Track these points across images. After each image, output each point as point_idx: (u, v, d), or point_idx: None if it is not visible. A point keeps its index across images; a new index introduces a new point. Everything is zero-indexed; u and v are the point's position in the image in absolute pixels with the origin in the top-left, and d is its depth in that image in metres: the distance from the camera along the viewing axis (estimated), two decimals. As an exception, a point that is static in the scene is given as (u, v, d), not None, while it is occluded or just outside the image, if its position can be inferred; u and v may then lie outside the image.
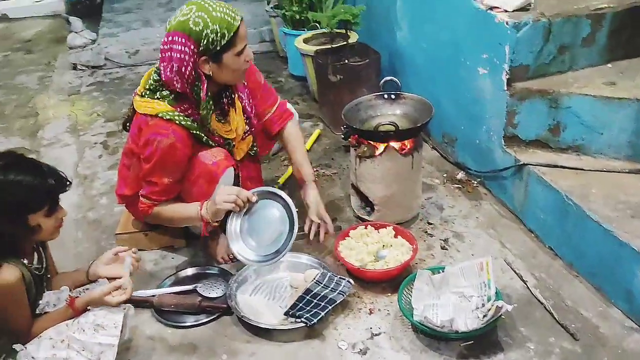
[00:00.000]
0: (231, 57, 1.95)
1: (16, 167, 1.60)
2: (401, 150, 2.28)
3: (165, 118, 1.96)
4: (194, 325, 1.99)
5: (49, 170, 1.67)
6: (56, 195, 1.66)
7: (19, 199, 1.57)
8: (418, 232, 2.37)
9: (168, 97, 1.99)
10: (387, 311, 1.99)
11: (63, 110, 3.83)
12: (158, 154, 1.98)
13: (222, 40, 1.89)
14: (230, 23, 1.89)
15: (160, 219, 2.15)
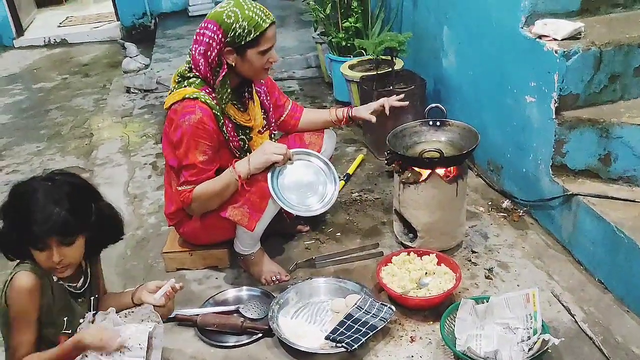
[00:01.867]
0: (254, 54, 2.07)
1: (53, 187, 1.52)
2: (445, 177, 2.27)
3: (192, 97, 2.06)
4: (235, 345, 2.01)
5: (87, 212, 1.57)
6: (49, 236, 1.50)
7: (25, 218, 1.49)
8: (462, 261, 2.34)
9: (195, 82, 2.10)
10: (428, 340, 1.96)
11: (116, 132, 3.99)
12: (189, 132, 2.04)
13: (247, 36, 2.02)
14: (258, 23, 2.02)
15: (202, 201, 2.12)
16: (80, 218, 1.53)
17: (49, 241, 1.50)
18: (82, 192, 1.60)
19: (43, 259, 1.53)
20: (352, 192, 2.94)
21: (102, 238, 1.70)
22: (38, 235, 1.49)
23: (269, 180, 2.09)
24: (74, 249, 1.55)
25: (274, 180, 2.11)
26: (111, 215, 1.71)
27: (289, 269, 2.36)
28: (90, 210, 1.60)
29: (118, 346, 1.52)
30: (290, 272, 2.35)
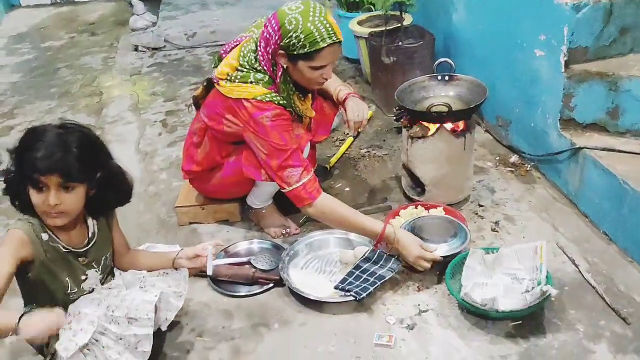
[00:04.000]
0: (305, 67, 2.00)
1: (64, 132, 1.51)
2: (453, 131, 2.29)
3: (265, 100, 2.02)
4: (247, 295, 2.08)
5: (84, 157, 1.52)
6: (44, 175, 1.48)
7: (31, 151, 1.47)
8: (469, 214, 2.37)
9: (263, 79, 2.04)
10: (435, 289, 2.02)
11: (125, 90, 4.01)
12: (273, 125, 2.01)
13: (301, 49, 1.94)
14: (316, 40, 1.92)
15: (322, 214, 2.06)
16: (85, 166, 1.52)
17: (49, 181, 1.48)
18: (91, 144, 1.58)
19: (40, 202, 1.50)
20: (360, 148, 2.96)
21: (108, 198, 1.69)
22: (40, 170, 1.46)
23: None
24: (72, 197, 1.53)
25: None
26: (120, 176, 1.70)
27: (299, 222, 2.41)
28: (96, 163, 1.59)
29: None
30: (300, 225, 2.40)
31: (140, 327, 1.56)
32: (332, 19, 1.96)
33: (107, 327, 1.54)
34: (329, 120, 2.44)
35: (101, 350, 1.53)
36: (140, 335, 1.56)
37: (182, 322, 1.96)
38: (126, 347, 1.56)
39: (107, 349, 1.53)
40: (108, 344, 1.53)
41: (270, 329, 1.92)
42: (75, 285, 1.66)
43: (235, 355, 1.83)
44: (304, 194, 2.03)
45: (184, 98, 3.74)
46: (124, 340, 1.55)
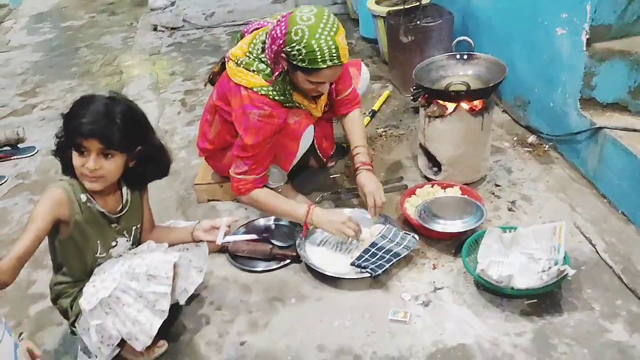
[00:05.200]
0: (302, 77, 1.98)
1: (111, 103, 1.57)
2: (471, 110, 2.28)
3: (261, 93, 2.03)
4: (265, 270, 2.12)
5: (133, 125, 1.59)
6: (86, 139, 1.53)
7: (78, 117, 1.54)
8: (485, 194, 2.37)
9: (264, 70, 2.04)
10: (450, 267, 2.04)
11: (145, 69, 4.05)
12: (256, 126, 2.04)
13: (300, 62, 1.92)
14: (316, 60, 1.89)
15: (256, 203, 2.21)
16: (125, 136, 1.57)
17: (90, 145, 1.54)
18: (135, 117, 1.63)
19: (80, 165, 1.57)
20: (377, 127, 2.97)
21: (146, 171, 1.74)
22: (83, 134, 1.53)
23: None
24: (110, 164, 1.59)
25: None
26: (160, 152, 1.76)
27: (315, 201, 2.43)
28: (137, 136, 1.64)
29: None
30: (317, 203, 2.42)
31: (158, 285, 1.61)
32: (339, 40, 1.91)
33: (128, 284, 1.59)
34: None
35: (122, 309, 1.58)
36: (159, 293, 1.61)
37: (202, 296, 2.01)
38: (145, 304, 1.61)
39: (128, 306, 1.58)
40: (128, 302, 1.59)
41: (287, 303, 1.96)
42: (105, 250, 1.71)
43: (252, 328, 1.88)
44: (236, 184, 2.18)
45: (202, 77, 3.77)
46: (143, 298, 1.60)
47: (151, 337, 1.62)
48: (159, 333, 1.71)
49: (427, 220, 2.11)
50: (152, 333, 1.61)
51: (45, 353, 1.79)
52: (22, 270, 2.16)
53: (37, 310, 2.00)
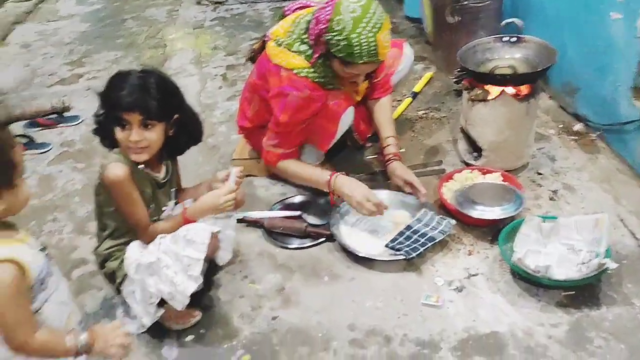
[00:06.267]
0: (338, 65, 1.98)
1: (145, 76, 1.63)
2: (517, 95, 2.22)
3: (300, 75, 2.02)
4: (298, 247, 2.13)
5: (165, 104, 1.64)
6: (126, 112, 1.60)
7: (116, 92, 1.60)
8: (526, 182, 2.32)
9: (305, 52, 2.03)
10: (486, 254, 2.01)
11: (188, 43, 4.08)
12: (293, 106, 2.05)
13: (337, 52, 1.91)
14: (354, 54, 1.89)
15: (283, 172, 2.26)
16: (163, 106, 1.63)
17: (131, 118, 1.60)
18: (170, 87, 1.70)
19: (123, 138, 1.63)
20: (418, 109, 2.93)
21: (183, 138, 1.81)
22: (123, 107, 1.59)
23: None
24: (152, 134, 1.65)
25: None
26: (194, 119, 1.83)
27: (352, 181, 2.42)
28: (174, 104, 1.70)
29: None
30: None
31: (194, 251, 1.66)
32: (381, 38, 1.88)
33: (169, 246, 1.67)
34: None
35: (162, 269, 1.64)
36: (193, 258, 1.66)
37: (236, 269, 2.04)
38: (181, 267, 1.66)
39: (167, 268, 1.64)
40: (168, 263, 1.65)
41: (320, 281, 1.97)
42: (157, 213, 1.80)
43: (285, 304, 1.90)
44: (265, 154, 2.25)
45: (244, 53, 3.76)
46: (179, 261, 1.65)
47: (187, 297, 1.67)
48: (194, 303, 1.76)
49: (464, 206, 2.08)
50: (188, 293, 1.66)
51: (87, 315, 1.86)
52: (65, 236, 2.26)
53: (78, 275, 2.07)
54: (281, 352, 1.73)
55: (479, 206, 2.07)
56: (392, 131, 2.34)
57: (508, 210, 2.05)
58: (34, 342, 1.18)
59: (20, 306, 1.15)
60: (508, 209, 2.05)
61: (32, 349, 1.19)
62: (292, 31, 2.06)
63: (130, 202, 1.69)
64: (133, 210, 1.70)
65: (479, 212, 2.06)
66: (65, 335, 1.26)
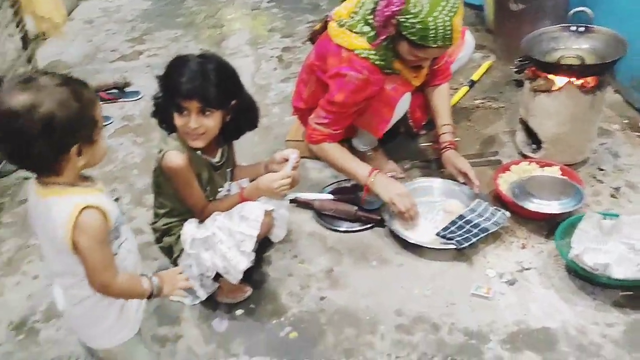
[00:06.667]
0: (407, 47, 1.94)
1: (204, 62, 1.63)
2: (582, 87, 2.14)
3: (362, 56, 2.01)
4: (348, 231, 2.14)
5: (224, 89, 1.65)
6: (185, 100, 1.61)
7: (175, 78, 1.61)
8: (586, 177, 2.25)
9: (368, 33, 2.01)
10: (540, 249, 1.96)
11: (245, 24, 4.12)
12: (349, 88, 2.03)
13: (410, 35, 1.88)
14: (428, 37, 1.85)
15: (324, 155, 2.21)
16: (222, 93, 1.63)
17: (190, 105, 1.61)
18: (229, 74, 1.70)
19: (181, 124, 1.65)
20: (475, 98, 2.87)
21: (240, 124, 1.81)
22: (182, 95, 1.60)
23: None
24: (210, 121, 1.65)
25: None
26: (251, 104, 1.83)
27: (404, 167, 2.41)
28: (232, 91, 1.70)
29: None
30: (405, 170, 2.40)
31: (247, 227, 1.69)
32: (457, 22, 1.85)
33: (224, 222, 1.70)
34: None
35: (216, 244, 1.68)
36: (246, 234, 1.69)
37: (286, 248, 2.07)
38: (234, 243, 1.69)
39: (221, 242, 1.68)
40: (222, 239, 1.69)
41: (368, 265, 1.98)
42: (212, 195, 1.83)
43: (333, 285, 1.91)
44: (311, 132, 2.18)
45: (301, 35, 3.78)
46: (233, 237, 1.69)
47: (241, 272, 1.71)
48: (245, 279, 1.80)
49: (520, 198, 2.04)
50: (240, 268, 1.69)
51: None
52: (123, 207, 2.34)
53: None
54: (328, 331, 1.75)
55: (536, 199, 2.02)
56: (449, 119, 2.30)
57: (566, 205, 2.00)
58: (116, 283, 1.26)
59: (105, 249, 1.23)
60: (567, 204, 2.00)
61: (113, 289, 1.27)
62: (355, 12, 2.05)
63: (188, 187, 1.73)
64: (191, 194, 1.74)
65: (535, 205, 2.01)
66: (140, 278, 1.35)
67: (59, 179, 1.19)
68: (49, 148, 1.12)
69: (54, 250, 1.23)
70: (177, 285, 1.42)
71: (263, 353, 1.70)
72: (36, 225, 1.25)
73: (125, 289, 1.30)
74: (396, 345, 1.69)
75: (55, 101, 1.10)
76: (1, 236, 2.31)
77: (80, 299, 1.29)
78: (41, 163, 1.16)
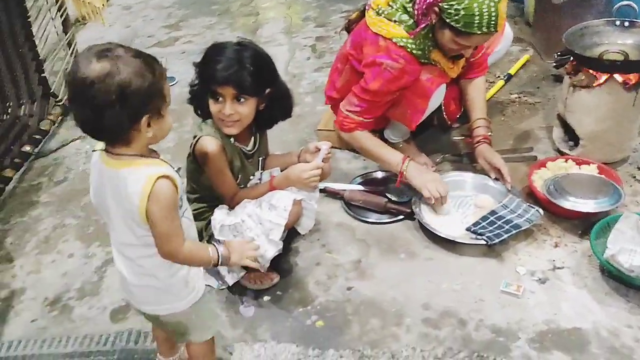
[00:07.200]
0: (449, 36, 1.91)
1: (241, 49, 1.64)
2: (625, 83, 2.07)
3: (399, 44, 1.99)
4: (377, 222, 2.13)
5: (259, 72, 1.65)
6: (221, 86, 1.63)
7: (212, 65, 1.64)
8: (625, 176, 2.18)
9: (406, 22, 1.99)
10: (574, 248, 1.92)
11: (280, 12, 4.12)
12: (385, 77, 2.01)
13: (454, 22, 1.85)
14: (472, 24, 1.82)
15: (356, 142, 2.21)
16: (257, 80, 1.64)
17: (225, 92, 1.63)
18: (264, 61, 1.70)
19: (216, 110, 1.66)
20: (511, 93, 2.81)
21: (274, 112, 1.82)
22: (217, 81, 1.62)
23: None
24: (245, 108, 1.66)
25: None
26: (285, 93, 1.83)
27: (436, 161, 2.38)
28: (266, 79, 1.70)
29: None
30: (437, 164, 2.37)
31: (276, 216, 1.70)
32: (502, 9, 1.82)
33: (254, 209, 1.72)
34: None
35: (245, 231, 1.70)
36: (274, 223, 1.70)
37: (314, 237, 2.07)
38: (263, 231, 1.71)
39: (249, 230, 1.70)
40: (250, 226, 1.70)
41: (397, 257, 1.97)
42: (244, 182, 1.85)
43: (360, 276, 1.91)
44: (342, 119, 2.18)
45: (335, 25, 3.76)
46: (262, 225, 1.70)
47: (268, 260, 1.72)
48: (273, 266, 1.81)
49: (555, 196, 1.99)
50: (268, 256, 1.71)
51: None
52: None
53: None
54: (354, 321, 1.75)
55: (572, 197, 1.97)
56: (483, 113, 2.27)
57: (603, 204, 1.94)
58: (184, 250, 1.30)
59: (176, 217, 1.26)
60: (603, 203, 1.95)
61: (181, 256, 1.31)
62: (394, 0, 2.03)
63: (220, 174, 1.75)
64: (223, 180, 1.76)
65: (571, 203, 1.96)
66: (208, 247, 1.39)
67: (128, 150, 1.21)
68: (122, 116, 1.15)
69: (128, 220, 1.25)
70: (246, 253, 1.47)
71: (289, 340, 1.71)
72: (106, 197, 1.25)
73: (193, 256, 1.34)
74: (422, 338, 1.67)
75: (131, 71, 1.14)
76: (39, 215, 2.37)
77: (150, 269, 1.32)
78: (113, 132, 1.18)
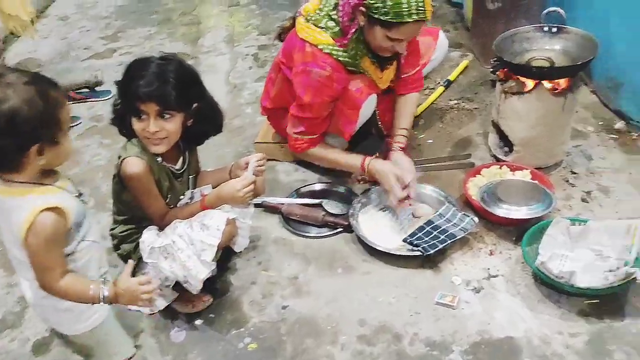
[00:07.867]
0: (381, 33, 1.91)
1: (163, 64, 1.58)
2: (553, 89, 2.10)
3: (325, 51, 1.97)
4: (316, 237, 2.09)
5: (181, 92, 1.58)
6: (144, 103, 1.56)
7: (132, 81, 1.56)
8: (558, 181, 2.21)
9: (332, 29, 1.98)
10: (508, 255, 1.93)
11: (222, 21, 4.05)
12: (315, 86, 2.00)
13: (383, 15, 1.84)
14: (401, 13, 1.82)
15: (314, 158, 2.24)
16: (182, 95, 1.58)
17: (148, 108, 1.56)
18: (188, 75, 1.64)
19: (140, 129, 1.59)
20: (450, 99, 2.82)
21: (203, 128, 1.76)
22: (140, 98, 1.54)
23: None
24: (170, 124, 1.60)
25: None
26: (214, 108, 1.77)
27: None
28: (192, 93, 1.64)
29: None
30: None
31: (208, 236, 1.64)
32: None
33: (185, 229, 1.65)
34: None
35: (176, 252, 1.63)
36: (207, 243, 1.64)
37: (250, 255, 2.02)
38: (194, 252, 1.64)
39: (180, 251, 1.63)
40: (181, 247, 1.63)
41: (334, 272, 1.93)
42: (174, 202, 1.78)
43: (296, 293, 1.87)
44: (293, 142, 2.21)
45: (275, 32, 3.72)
46: (194, 246, 1.64)
47: (200, 282, 1.66)
48: (206, 288, 1.75)
49: (489, 203, 2.00)
50: (200, 278, 1.64)
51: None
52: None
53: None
54: (288, 342, 1.71)
55: (505, 204, 1.98)
56: (407, 124, 2.27)
57: (536, 210, 1.96)
58: (58, 286, 1.29)
59: (52, 252, 1.25)
60: (536, 209, 1.96)
61: (56, 291, 1.30)
62: (320, 8, 2.01)
63: (147, 195, 1.68)
64: (150, 202, 1.69)
65: (504, 210, 1.97)
66: (90, 284, 1.35)
67: (19, 177, 1.20)
68: (9, 145, 1.13)
69: (18, 245, 1.25)
70: (137, 296, 1.39)
71: (220, 365, 1.66)
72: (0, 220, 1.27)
73: (68, 293, 1.31)
74: (356, 356, 1.65)
75: (20, 98, 1.12)
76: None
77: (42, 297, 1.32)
78: (0, 159, 1.17)
